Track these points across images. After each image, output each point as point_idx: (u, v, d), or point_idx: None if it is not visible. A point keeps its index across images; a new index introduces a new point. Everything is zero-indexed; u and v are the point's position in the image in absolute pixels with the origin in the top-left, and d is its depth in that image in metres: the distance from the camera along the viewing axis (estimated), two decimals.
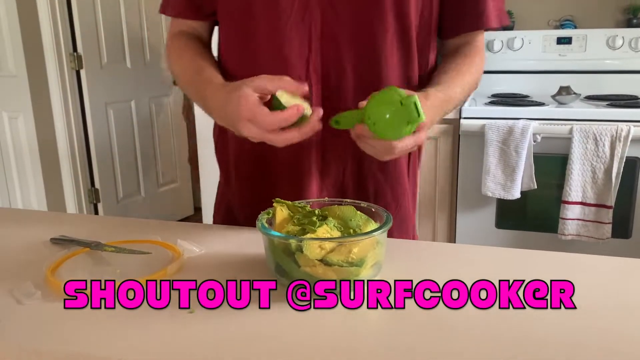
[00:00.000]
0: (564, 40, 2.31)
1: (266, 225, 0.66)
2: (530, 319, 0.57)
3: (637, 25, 2.30)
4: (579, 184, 1.89)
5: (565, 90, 2.09)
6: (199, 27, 0.92)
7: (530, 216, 2.06)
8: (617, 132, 1.82)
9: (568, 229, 1.92)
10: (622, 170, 1.84)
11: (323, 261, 0.60)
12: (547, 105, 2.05)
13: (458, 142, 2.03)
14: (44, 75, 2.87)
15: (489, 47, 2.36)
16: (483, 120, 1.96)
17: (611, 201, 1.87)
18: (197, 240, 0.78)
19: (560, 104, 2.07)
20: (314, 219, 0.66)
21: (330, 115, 0.74)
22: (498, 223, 2.06)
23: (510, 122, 1.91)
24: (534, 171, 1.92)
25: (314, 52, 0.81)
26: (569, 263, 0.71)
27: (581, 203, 1.91)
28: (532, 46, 2.34)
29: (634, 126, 1.82)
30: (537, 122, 1.91)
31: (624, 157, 1.83)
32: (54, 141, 2.95)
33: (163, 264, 0.70)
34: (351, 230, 0.67)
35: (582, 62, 2.30)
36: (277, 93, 0.69)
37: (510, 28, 2.41)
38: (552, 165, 1.96)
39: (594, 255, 0.73)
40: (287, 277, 0.63)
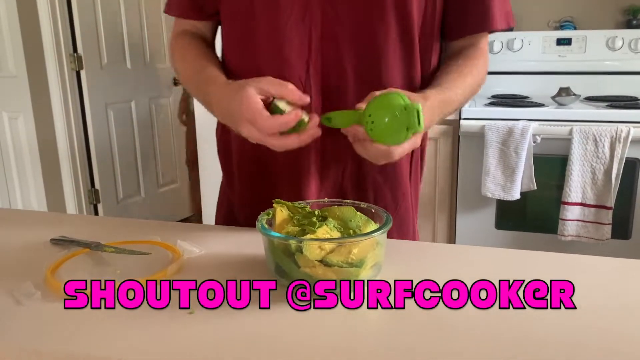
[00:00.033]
0: (563, 42, 2.31)
1: (266, 225, 0.66)
2: (530, 319, 0.57)
3: (637, 27, 2.30)
4: (578, 185, 1.89)
5: (565, 91, 2.09)
6: (202, 27, 0.92)
7: (530, 217, 2.06)
8: (616, 133, 1.82)
9: (568, 230, 1.92)
10: (621, 171, 1.85)
11: (323, 262, 0.60)
12: (547, 106, 2.05)
13: (458, 143, 2.03)
14: (44, 76, 2.87)
15: (488, 48, 2.36)
16: (483, 121, 1.96)
17: (611, 202, 1.87)
18: (197, 241, 0.78)
19: (560, 105, 2.07)
20: (314, 219, 0.66)
21: None
22: (498, 224, 2.06)
23: (510, 123, 1.92)
24: (533, 172, 1.92)
25: (314, 53, 0.80)
26: (569, 264, 0.71)
27: (581, 204, 1.91)
28: (532, 47, 2.34)
29: (634, 127, 1.82)
30: (536, 123, 1.91)
31: (624, 158, 1.83)
32: (54, 142, 2.95)
33: (163, 264, 0.70)
34: (351, 231, 0.67)
35: (581, 63, 2.30)
36: (275, 100, 0.70)
37: (510, 29, 2.41)
38: (551, 166, 1.96)
39: (593, 256, 0.73)
40: (287, 277, 0.63)
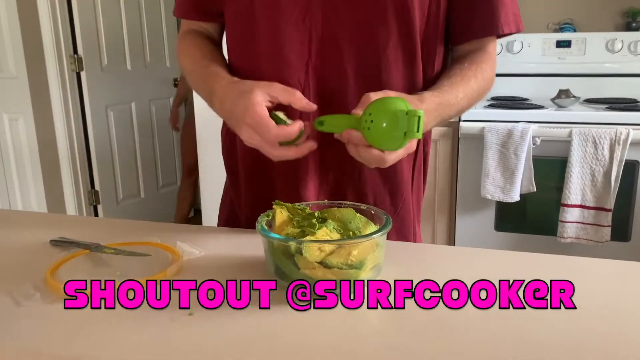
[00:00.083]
0: (563, 44, 2.31)
1: (266, 227, 0.66)
2: (530, 319, 0.57)
3: (636, 29, 2.31)
4: (578, 186, 1.89)
5: (564, 93, 2.09)
6: (209, 27, 0.93)
7: (530, 219, 2.06)
8: (616, 135, 1.82)
9: (567, 231, 1.92)
10: (621, 173, 1.85)
11: (322, 263, 0.60)
12: (547, 108, 2.05)
13: (457, 144, 2.03)
14: (44, 77, 2.87)
15: None
16: (482, 123, 1.96)
17: (610, 204, 1.87)
18: (197, 243, 0.78)
19: (560, 107, 2.07)
20: (314, 221, 0.66)
21: None
22: (497, 226, 2.06)
23: (509, 125, 1.92)
24: (533, 174, 1.92)
25: (314, 54, 0.80)
26: (568, 265, 0.71)
27: (580, 206, 1.91)
28: (531, 49, 2.34)
29: (633, 129, 1.82)
30: (536, 125, 1.92)
31: (623, 160, 1.83)
32: (54, 143, 2.95)
33: (162, 266, 0.70)
34: (351, 233, 0.67)
35: (581, 66, 2.30)
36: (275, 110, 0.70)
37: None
38: (551, 168, 1.96)
39: (593, 258, 0.73)
40: (287, 279, 0.63)
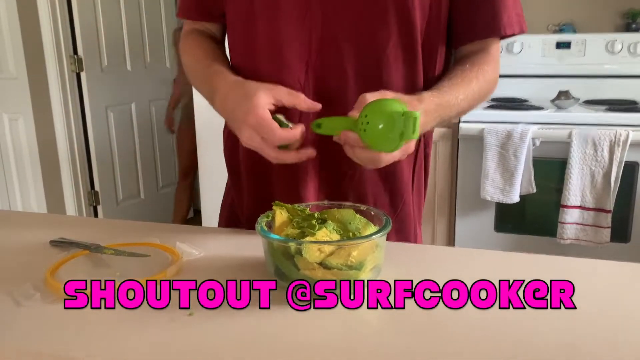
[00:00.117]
0: (563, 45, 2.31)
1: (265, 228, 0.66)
2: (530, 319, 0.57)
3: (636, 30, 2.31)
4: (577, 188, 1.89)
5: (564, 94, 2.09)
6: (212, 27, 0.94)
7: (529, 220, 2.06)
8: (615, 137, 1.82)
9: (567, 233, 1.93)
10: (620, 174, 1.85)
11: (322, 264, 0.60)
12: (546, 109, 2.05)
13: (457, 146, 2.03)
14: (44, 78, 2.87)
15: None
16: (482, 124, 1.96)
17: (610, 205, 1.87)
18: (196, 243, 0.78)
19: (559, 108, 2.07)
20: (313, 222, 0.66)
21: None
22: (497, 227, 2.06)
23: (509, 126, 1.92)
24: (533, 175, 1.92)
25: (314, 54, 0.80)
26: (568, 267, 0.71)
27: (580, 207, 1.91)
28: (531, 50, 2.34)
29: (633, 131, 1.82)
30: (536, 126, 1.92)
31: (623, 162, 1.83)
32: (54, 143, 2.95)
33: (162, 266, 0.70)
34: (350, 234, 0.67)
35: (581, 67, 2.30)
36: (276, 114, 0.70)
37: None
38: (551, 169, 1.96)
39: (592, 259, 0.73)
40: (287, 280, 0.63)
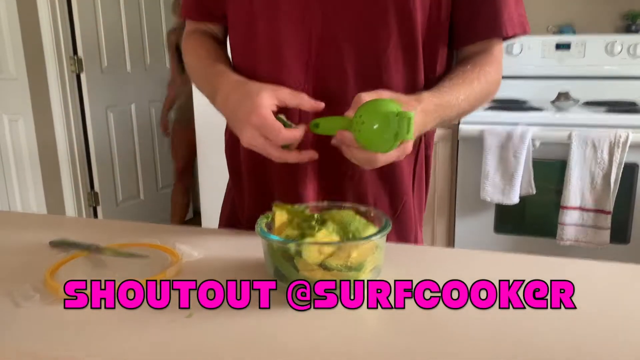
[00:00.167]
0: (563, 46, 2.31)
1: (265, 229, 0.66)
2: (530, 319, 0.57)
3: (636, 32, 2.31)
4: (577, 189, 1.89)
5: (564, 96, 2.09)
6: (214, 28, 0.94)
7: (529, 221, 2.06)
8: (615, 138, 1.82)
9: (567, 234, 1.93)
10: (620, 175, 1.85)
11: (322, 265, 0.60)
12: (546, 110, 2.05)
13: (457, 147, 2.04)
14: (44, 78, 2.87)
15: None
16: (482, 125, 1.96)
17: (610, 207, 1.87)
18: (196, 244, 0.78)
19: (559, 109, 2.07)
20: (313, 223, 0.66)
21: None
22: (497, 228, 2.06)
23: (509, 127, 1.92)
24: (532, 176, 1.92)
25: (314, 54, 0.80)
26: (568, 268, 0.71)
27: (580, 208, 1.91)
28: (531, 52, 2.34)
29: (633, 132, 1.82)
30: (535, 127, 1.92)
31: (623, 163, 1.84)
32: (54, 144, 2.95)
33: (162, 267, 0.70)
34: (350, 235, 0.67)
35: (581, 68, 2.31)
36: (278, 114, 0.70)
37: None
38: (550, 170, 1.96)
39: (592, 261, 0.73)
40: (286, 281, 0.63)
